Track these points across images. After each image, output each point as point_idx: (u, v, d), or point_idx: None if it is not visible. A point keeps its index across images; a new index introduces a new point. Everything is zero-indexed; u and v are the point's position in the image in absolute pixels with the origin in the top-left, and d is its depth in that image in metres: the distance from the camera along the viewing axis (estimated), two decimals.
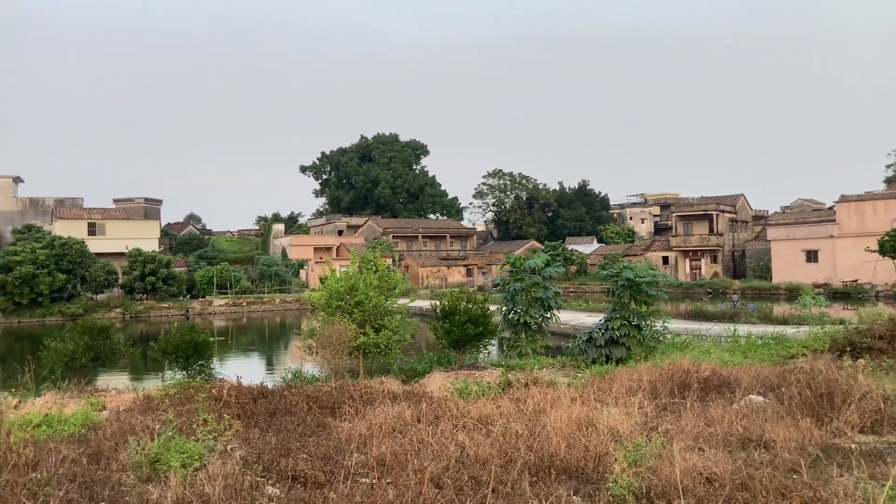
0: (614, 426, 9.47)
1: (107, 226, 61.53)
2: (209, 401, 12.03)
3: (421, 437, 9.69)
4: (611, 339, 16.45)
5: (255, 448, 9.45)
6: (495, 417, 10.49)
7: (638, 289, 16.55)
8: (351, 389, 12.91)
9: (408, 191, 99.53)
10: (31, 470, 8.08)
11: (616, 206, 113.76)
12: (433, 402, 11.77)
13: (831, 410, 10.15)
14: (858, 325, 16.83)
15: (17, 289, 46.53)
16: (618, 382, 12.96)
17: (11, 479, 4.65)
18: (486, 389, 13.48)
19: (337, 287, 16.28)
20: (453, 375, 15.48)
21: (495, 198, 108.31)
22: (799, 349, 16.96)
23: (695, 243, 71.86)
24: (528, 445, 8.97)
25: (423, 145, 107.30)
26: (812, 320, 25.51)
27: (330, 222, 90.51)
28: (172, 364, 15.49)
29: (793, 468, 8.03)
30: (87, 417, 11.21)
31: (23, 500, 4.47)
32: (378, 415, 10.74)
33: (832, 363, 14.08)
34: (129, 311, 51.00)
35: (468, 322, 16.06)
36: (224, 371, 17.49)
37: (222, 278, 59.43)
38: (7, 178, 75.07)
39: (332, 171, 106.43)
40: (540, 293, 16.26)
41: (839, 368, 12.40)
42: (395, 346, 16.07)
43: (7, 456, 4.89)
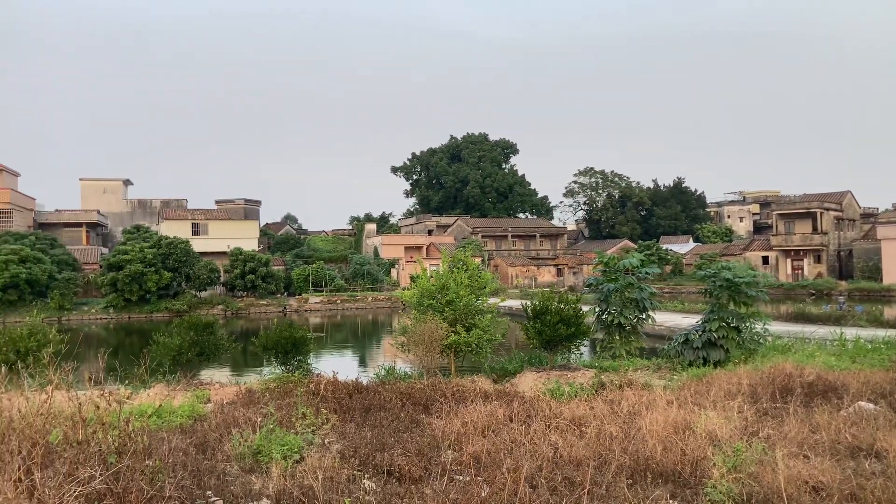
0: (712, 430, 9.23)
1: (209, 226, 64.30)
2: (307, 395, 12.42)
3: (513, 436, 9.72)
4: (708, 341, 16.00)
5: (351, 442, 9.70)
6: (589, 419, 10.40)
7: (737, 289, 16.02)
8: (443, 387, 13.05)
9: (497, 190, 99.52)
10: (146, 457, 8.61)
11: (713, 204, 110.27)
12: (525, 401, 11.77)
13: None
14: None
15: (128, 286, 49.18)
16: (716, 386, 12.62)
17: (131, 464, 4.96)
18: (579, 390, 13.37)
19: (428, 286, 16.49)
20: (545, 376, 15.42)
21: (586, 196, 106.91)
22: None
23: (797, 243, 68.82)
24: (622, 448, 8.87)
25: (512, 144, 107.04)
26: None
27: (420, 222, 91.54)
28: (272, 359, 16.06)
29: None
30: (194, 409, 11.77)
31: (141, 485, 4.77)
32: (470, 413, 10.83)
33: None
34: (230, 308, 53.06)
35: (560, 322, 15.96)
36: (319, 367, 18.00)
37: (317, 277, 61.07)
38: (118, 181, 79.58)
39: (423, 172, 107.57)
40: (635, 294, 15.95)
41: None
42: (485, 346, 16.14)
43: (127, 442, 5.21)
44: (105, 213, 75.91)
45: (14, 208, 62.93)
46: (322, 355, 29.69)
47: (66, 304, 48.67)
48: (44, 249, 52.92)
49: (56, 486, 3.84)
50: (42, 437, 4.52)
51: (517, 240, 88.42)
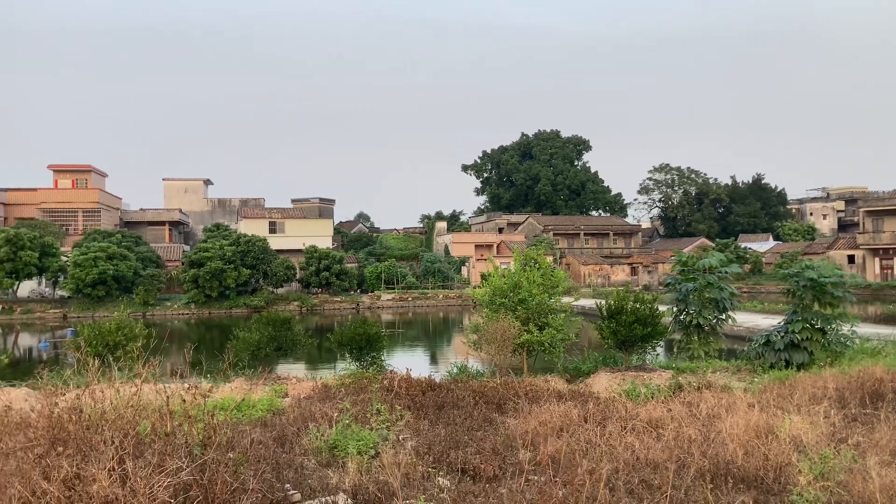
0: (796, 435, 8.89)
1: (286, 224, 65.83)
2: (381, 391, 12.56)
3: (589, 437, 9.59)
4: (791, 343, 15.42)
5: (425, 439, 9.74)
6: (666, 421, 10.17)
7: (822, 289, 15.38)
8: (516, 386, 12.99)
9: (569, 187, 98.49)
10: (229, 450, 8.87)
11: (794, 201, 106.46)
12: (600, 402, 11.60)
13: None
14: None
15: (208, 282, 50.79)
16: (800, 389, 12.15)
17: (215, 456, 5.10)
18: (656, 392, 13.10)
19: (500, 284, 16.43)
20: (620, 376, 15.17)
21: (662, 193, 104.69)
22: None
23: (886, 241, 65.67)
24: (701, 451, 8.63)
25: (584, 141, 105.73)
26: None
27: (490, 220, 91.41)
28: (346, 355, 16.31)
29: None
30: (272, 403, 12.06)
31: (225, 477, 4.90)
32: (544, 413, 10.74)
33: None
34: (306, 305, 54.14)
35: (635, 322, 15.66)
36: (392, 364, 18.18)
37: (389, 274, 61.75)
38: (198, 181, 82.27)
39: (493, 169, 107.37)
40: (714, 294, 15.50)
41: None
42: (559, 345, 15.97)
43: (211, 435, 5.37)
44: (186, 211, 78.67)
45: (102, 207, 65.87)
46: (394, 352, 30.01)
47: (150, 299, 50.63)
48: (129, 247, 55.16)
49: (146, 475, 3.98)
50: (132, 429, 4.69)
51: (590, 238, 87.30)
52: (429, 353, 33.14)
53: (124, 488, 3.82)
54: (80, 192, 66.25)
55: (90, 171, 69.00)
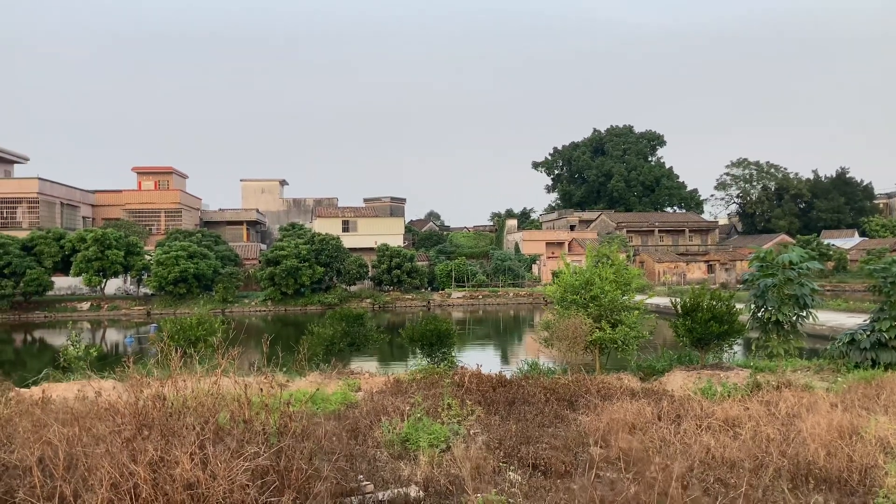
0: (884, 437, 8.53)
1: (358, 223, 66.86)
2: (452, 387, 12.64)
3: (662, 435, 9.44)
4: (878, 342, 14.77)
5: (496, 434, 9.76)
6: (743, 420, 9.92)
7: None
8: (588, 383, 12.88)
9: (643, 184, 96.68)
10: (304, 439, 9.11)
11: (882, 195, 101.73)
12: (674, 400, 11.38)
13: None
14: None
15: (283, 280, 52.04)
16: (888, 389, 11.65)
17: (290, 444, 5.26)
18: (732, 390, 12.76)
19: (572, 281, 16.29)
20: (696, 374, 14.84)
21: (740, 189, 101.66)
22: None
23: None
24: (780, 451, 8.39)
25: (659, 136, 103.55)
26: None
27: (561, 217, 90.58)
28: (417, 351, 16.47)
29: None
30: (346, 397, 12.29)
31: (301, 464, 5.04)
32: (617, 410, 10.61)
33: None
34: (378, 302, 54.86)
35: (711, 319, 15.27)
36: (463, 360, 18.24)
37: (459, 272, 61.95)
38: (274, 182, 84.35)
39: (564, 166, 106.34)
40: (794, 290, 14.95)
41: None
42: (632, 343, 15.72)
43: (287, 424, 5.54)
44: (263, 211, 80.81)
45: (183, 208, 68.25)
46: (464, 349, 30.10)
47: (228, 296, 52.21)
48: (209, 246, 57.01)
49: (226, 459, 4.14)
50: (212, 416, 4.88)
51: (664, 235, 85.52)
52: (499, 351, 33.10)
53: (205, 471, 3.98)
54: (162, 193, 68.83)
55: (171, 172, 71.63)
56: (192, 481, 3.87)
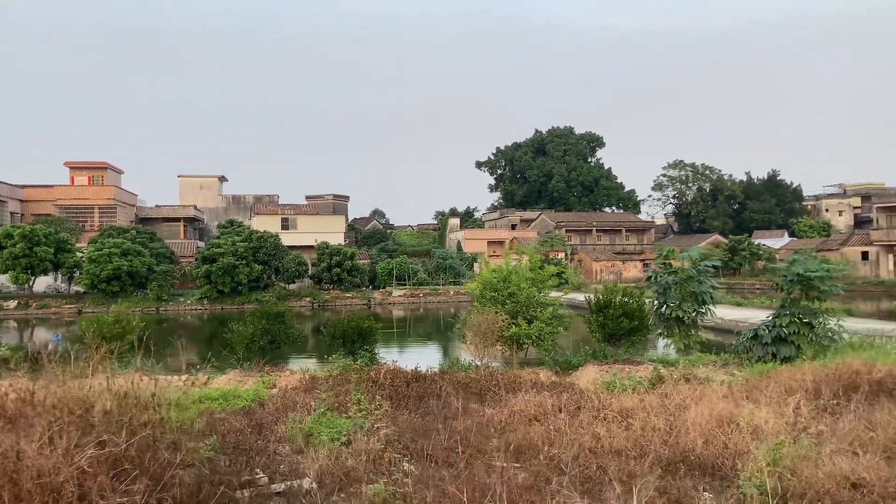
0: (758, 425, 9.07)
1: (298, 220, 66.36)
2: (367, 383, 12.84)
3: (558, 425, 9.83)
4: (778, 337, 15.54)
5: (399, 428, 10.02)
6: (637, 411, 10.38)
7: (809, 284, 15.49)
8: (499, 378, 13.24)
9: (582, 184, 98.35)
10: (205, 436, 9.23)
11: (810, 197, 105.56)
12: (575, 393, 11.82)
13: None
14: None
15: (220, 278, 51.38)
16: (776, 381, 12.28)
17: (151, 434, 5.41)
18: (637, 384, 13.29)
19: (490, 278, 16.67)
20: (607, 369, 15.37)
21: (676, 190, 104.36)
22: None
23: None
24: (663, 440, 8.85)
25: (598, 137, 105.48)
26: None
27: (503, 216, 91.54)
28: (339, 348, 16.62)
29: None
30: (258, 393, 12.40)
31: (165, 455, 5.21)
32: (519, 403, 10.99)
33: None
34: (317, 300, 54.62)
35: (622, 316, 15.84)
36: (390, 357, 18.45)
37: (401, 270, 62.10)
38: (213, 178, 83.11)
39: (507, 166, 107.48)
40: (694, 287, 15.64)
41: None
42: (547, 338, 16.18)
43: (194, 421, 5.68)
44: (201, 208, 79.51)
45: (118, 204, 66.74)
46: (399, 347, 30.31)
47: (163, 295, 51.30)
48: (144, 243, 55.91)
49: (66, 448, 4.27)
50: (83, 409, 5.00)
51: (602, 234, 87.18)
52: (432, 348, 33.38)
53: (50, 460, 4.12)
54: (96, 189, 67.14)
55: (106, 168, 69.90)
56: (42, 470, 4.01)
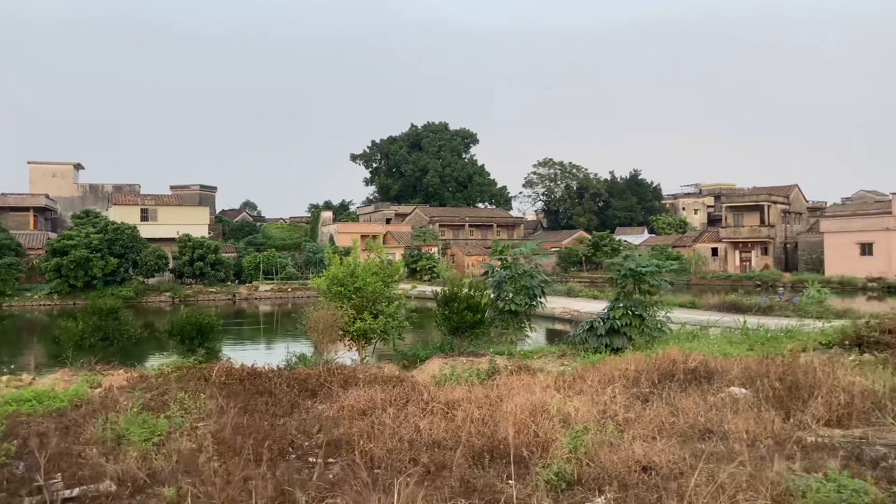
0: (568, 413, 9.49)
1: (159, 212, 63.47)
2: (198, 381, 12.47)
3: (384, 420, 9.90)
4: (612, 329, 16.35)
5: (222, 426, 9.78)
6: (463, 402, 10.60)
7: (640, 278, 16.39)
8: (335, 373, 13.20)
9: (456, 179, 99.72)
10: (3, 440, 8.68)
11: (669, 196, 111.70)
12: (408, 386, 11.96)
13: (801, 404, 9.97)
14: (869, 319, 16.34)
15: (72, 272, 48.45)
16: (603, 370, 12.90)
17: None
18: (475, 376, 13.59)
19: (337, 273, 16.59)
20: (450, 361, 15.64)
21: (545, 187, 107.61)
22: (810, 343, 16.58)
23: (745, 235, 70.15)
24: (479, 430, 9.08)
25: (472, 134, 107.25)
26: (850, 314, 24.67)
27: (378, 210, 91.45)
28: (178, 345, 16.04)
29: (738, 459, 7.94)
30: (78, 393, 11.75)
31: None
32: (350, 398, 11.00)
33: (832, 357, 13.79)
34: (178, 295, 52.55)
35: (466, 309, 16.18)
36: (245, 354, 18.02)
37: (269, 264, 60.75)
38: (68, 165, 78.16)
39: (382, 160, 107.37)
40: (527, 281, 16.24)
41: (828, 362, 12.14)
42: (392, 332, 16.29)
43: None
44: (55, 197, 74.52)
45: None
46: (257, 343, 29.67)
47: (7, 289, 47.82)
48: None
49: None
50: None
51: (475, 229, 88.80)
52: (287, 344, 32.80)
53: None
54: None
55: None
56: None
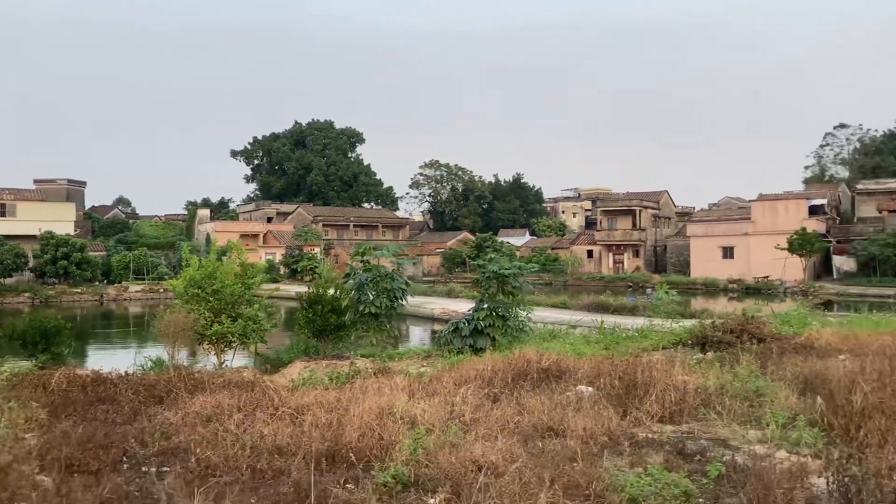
0: (415, 414, 9.56)
1: (18, 207, 59.36)
2: (34, 389, 11.75)
3: (229, 426, 9.63)
4: (475, 330, 16.63)
5: (53, 437, 9.25)
6: (313, 407, 10.48)
7: (504, 280, 16.76)
8: (186, 378, 12.76)
9: (341, 179, 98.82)
10: None
11: (550, 199, 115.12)
12: (258, 391, 11.72)
13: (638, 401, 10.45)
14: (715, 319, 17.39)
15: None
16: (460, 372, 13.08)
17: None
18: (334, 379, 13.48)
19: (195, 274, 16.05)
20: (313, 365, 15.44)
21: (431, 188, 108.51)
22: (662, 342, 17.44)
23: (618, 238, 73.25)
24: (323, 435, 9.00)
25: (358, 133, 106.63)
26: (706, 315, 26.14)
27: (259, 209, 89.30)
28: (21, 351, 15.06)
29: (572, 456, 8.22)
30: None
31: None
32: (197, 404, 10.65)
33: (672, 356, 14.59)
34: (39, 296, 49.46)
35: (331, 311, 16.03)
36: (102, 358, 17.12)
37: (140, 264, 58.15)
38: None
39: (265, 157, 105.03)
40: (388, 284, 16.33)
41: (667, 361, 12.82)
42: (252, 336, 15.92)
43: None
44: None
45: None
46: (115, 347, 28.32)
47: None
48: None
49: None
50: None
51: (360, 230, 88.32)
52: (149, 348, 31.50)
53: None
54: None
55: None
56: None
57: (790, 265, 56.04)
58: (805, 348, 15.58)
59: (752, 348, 14.53)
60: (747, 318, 16.45)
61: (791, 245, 54.57)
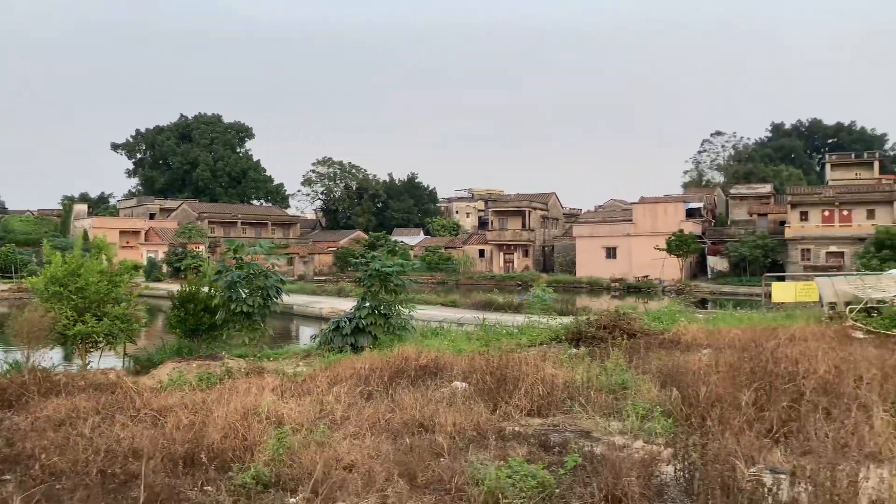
0: (281, 414, 9.37)
1: None
2: None
3: (82, 430, 9.14)
4: (357, 328, 16.50)
5: None
6: (177, 409, 10.09)
7: (386, 278, 16.71)
8: (43, 381, 12.03)
9: (229, 174, 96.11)
10: None
11: (444, 199, 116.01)
12: (119, 393, 11.19)
13: (508, 395, 10.63)
14: (590, 316, 17.96)
15: None
16: (337, 370, 12.93)
17: None
18: (204, 380, 13.04)
19: (56, 272, 15.16)
20: (184, 365, 14.88)
21: (324, 186, 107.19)
22: (539, 338, 17.87)
23: (509, 238, 74.74)
24: (185, 437, 8.67)
25: (247, 128, 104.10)
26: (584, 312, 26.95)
27: (141, 204, 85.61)
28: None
29: (438, 451, 8.26)
30: None
31: None
32: (50, 408, 10.06)
33: (544, 352, 15.00)
34: None
35: (204, 311, 15.52)
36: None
37: (7, 261, 54.56)
38: None
39: (148, 151, 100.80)
40: (262, 282, 16.04)
41: (538, 356, 13.14)
42: (119, 336, 15.21)
43: None
44: None
45: None
46: None
47: None
48: None
49: None
50: None
51: (248, 227, 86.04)
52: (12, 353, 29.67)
53: None
54: None
55: None
56: None
57: (668, 265, 58.81)
58: (672, 343, 16.36)
59: (622, 343, 15.05)
60: (619, 314, 17.08)
61: (669, 246, 57.29)
